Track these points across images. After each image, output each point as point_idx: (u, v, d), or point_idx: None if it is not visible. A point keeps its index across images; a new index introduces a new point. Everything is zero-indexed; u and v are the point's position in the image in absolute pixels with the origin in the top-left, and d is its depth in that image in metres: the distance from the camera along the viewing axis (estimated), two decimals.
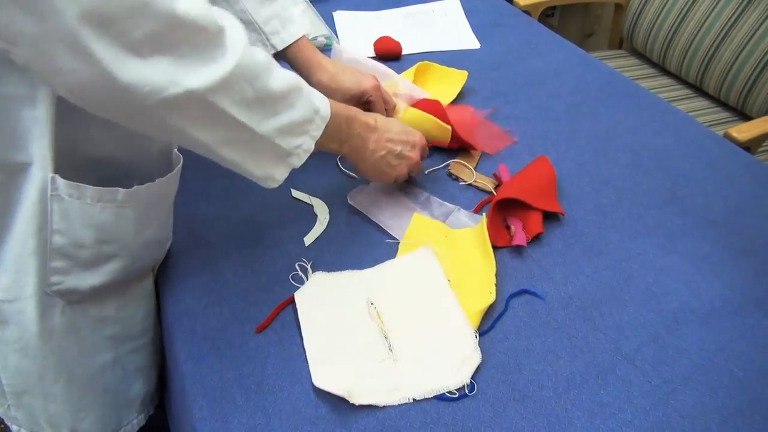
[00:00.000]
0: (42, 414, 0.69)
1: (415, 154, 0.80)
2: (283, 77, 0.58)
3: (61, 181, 0.57)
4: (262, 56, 0.55)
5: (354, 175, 0.90)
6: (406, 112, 0.92)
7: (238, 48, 0.51)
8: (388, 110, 0.90)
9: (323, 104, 0.64)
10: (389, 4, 1.39)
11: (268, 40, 0.83)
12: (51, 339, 0.65)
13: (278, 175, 0.63)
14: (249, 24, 0.82)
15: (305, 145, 0.63)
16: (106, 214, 0.61)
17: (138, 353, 0.75)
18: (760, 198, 0.87)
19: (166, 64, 0.47)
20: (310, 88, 0.63)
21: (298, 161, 0.63)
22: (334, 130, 0.67)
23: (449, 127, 0.91)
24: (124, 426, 0.76)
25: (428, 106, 0.94)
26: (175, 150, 0.70)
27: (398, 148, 0.77)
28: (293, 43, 0.84)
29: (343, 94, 0.84)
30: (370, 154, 0.75)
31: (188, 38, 0.47)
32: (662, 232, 0.82)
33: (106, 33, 0.43)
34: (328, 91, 0.82)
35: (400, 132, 0.78)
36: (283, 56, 0.85)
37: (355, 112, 0.72)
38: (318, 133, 0.63)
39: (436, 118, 0.90)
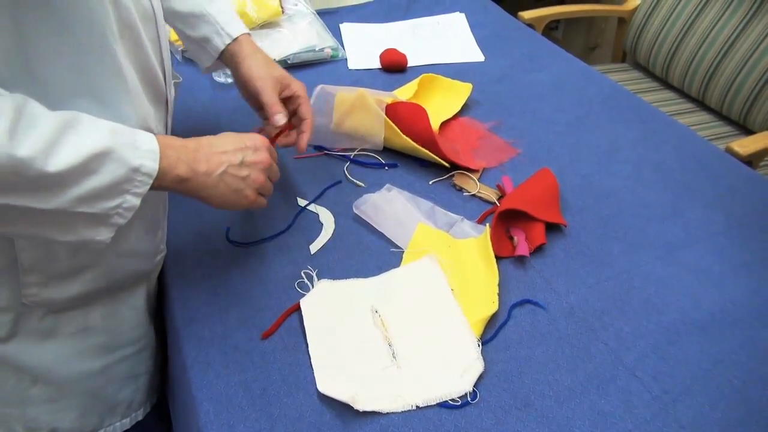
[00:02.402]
0: (18, 420, 0.69)
1: (262, 156, 0.69)
2: (74, 150, 0.52)
3: None
4: (35, 142, 0.49)
5: (361, 183, 0.92)
6: (403, 141, 0.93)
7: None
8: (307, 120, 0.84)
9: (147, 158, 0.57)
10: (395, 16, 1.41)
11: (223, 29, 0.83)
12: (25, 347, 0.66)
13: (100, 236, 0.57)
14: (202, 16, 0.83)
15: (126, 203, 0.56)
16: None
17: (127, 362, 0.75)
18: (761, 212, 0.88)
19: None
20: (133, 141, 0.56)
21: (121, 219, 0.57)
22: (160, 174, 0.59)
23: (447, 165, 0.92)
24: (105, 426, 0.76)
25: (409, 109, 0.95)
26: None
27: (238, 157, 0.66)
28: (241, 38, 0.84)
29: (272, 71, 0.83)
30: (205, 177, 0.63)
31: None
32: (663, 244, 0.83)
33: None
34: (261, 64, 0.82)
35: (233, 141, 0.68)
36: (226, 51, 0.84)
37: (169, 140, 0.62)
38: (143, 189, 0.57)
39: (432, 154, 0.92)
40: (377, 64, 1.23)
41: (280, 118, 0.80)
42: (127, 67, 0.60)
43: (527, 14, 1.70)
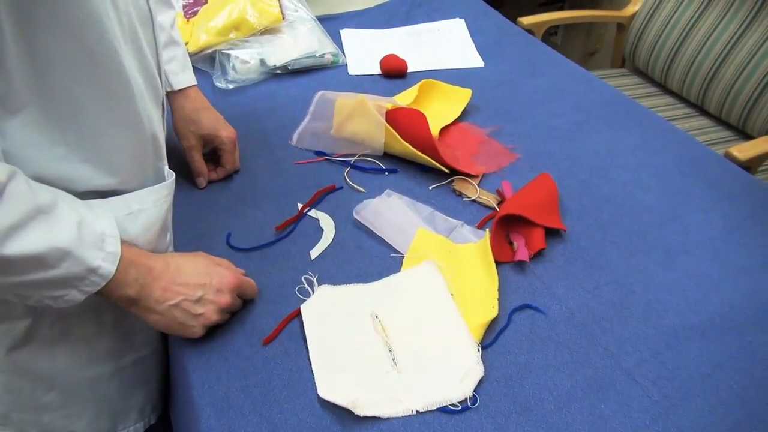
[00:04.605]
0: (34, 425, 0.70)
1: (223, 298, 0.66)
2: (35, 240, 0.51)
3: None
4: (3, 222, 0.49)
5: (361, 189, 0.92)
6: (402, 147, 0.94)
7: None
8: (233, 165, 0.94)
9: (108, 260, 0.57)
10: (396, 22, 1.42)
11: (166, 77, 0.85)
12: (38, 352, 0.66)
13: (58, 304, 0.57)
14: None
15: (69, 296, 0.56)
16: None
17: (139, 365, 0.76)
18: (759, 217, 0.89)
19: None
20: (99, 240, 0.56)
21: (54, 304, 0.57)
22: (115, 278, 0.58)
23: (447, 170, 0.92)
24: (119, 430, 0.77)
25: (409, 115, 0.95)
26: (166, 168, 0.71)
27: (197, 293, 0.64)
28: (186, 89, 0.88)
29: (197, 128, 0.89)
30: (155, 304, 0.62)
31: None
32: (662, 249, 0.83)
33: None
34: (185, 121, 0.89)
35: (200, 274, 0.66)
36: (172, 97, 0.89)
37: (138, 255, 0.61)
38: (92, 289, 0.57)
39: (431, 159, 0.92)
40: (377, 70, 1.23)
41: (201, 182, 0.92)
42: (132, 72, 0.61)
43: (526, 20, 1.71)
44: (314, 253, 0.81)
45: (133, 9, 0.61)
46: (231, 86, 1.14)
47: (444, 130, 1.05)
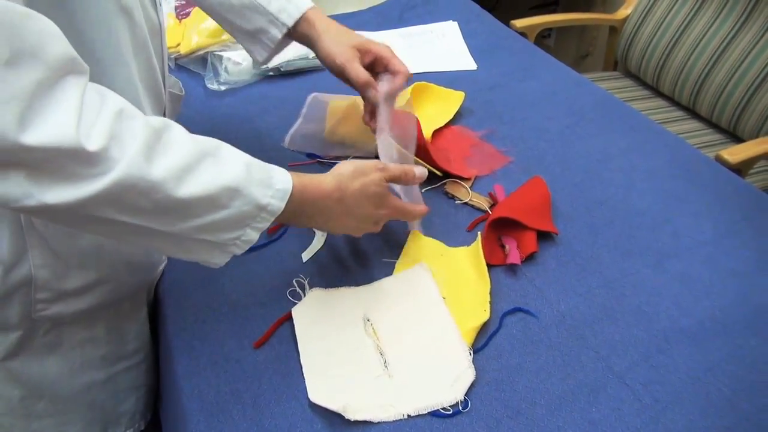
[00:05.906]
0: (23, 431, 0.70)
1: (377, 228, 0.73)
2: (207, 180, 0.53)
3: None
4: (169, 165, 0.50)
5: None
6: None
7: (121, 166, 0.47)
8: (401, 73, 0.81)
9: (277, 197, 0.58)
10: (389, 25, 1.42)
11: (277, 19, 0.79)
12: (30, 361, 0.66)
13: (215, 259, 0.59)
14: (254, 8, 0.79)
15: (246, 236, 0.58)
16: (87, 240, 0.63)
17: (130, 372, 0.76)
18: (750, 220, 0.89)
19: (21, 179, 0.45)
20: (266, 178, 0.58)
21: (238, 250, 0.59)
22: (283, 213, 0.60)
23: (439, 173, 0.92)
24: None
25: (403, 119, 0.95)
26: None
27: (360, 228, 0.71)
28: (303, 16, 0.80)
29: (348, 39, 0.80)
30: (323, 225, 0.70)
31: (42, 159, 0.44)
32: (653, 252, 0.83)
33: None
34: (335, 36, 0.80)
35: (367, 217, 0.70)
36: (294, 31, 0.81)
37: (313, 192, 0.63)
38: (264, 225, 0.59)
39: (424, 162, 0.91)
40: None
41: (374, 95, 0.79)
42: (137, 83, 0.61)
43: (519, 23, 1.71)
44: (306, 255, 0.81)
45: (144, 21, 0.61)
46: (223, 88, 1.14)
47: (436, 132, 1.05)
